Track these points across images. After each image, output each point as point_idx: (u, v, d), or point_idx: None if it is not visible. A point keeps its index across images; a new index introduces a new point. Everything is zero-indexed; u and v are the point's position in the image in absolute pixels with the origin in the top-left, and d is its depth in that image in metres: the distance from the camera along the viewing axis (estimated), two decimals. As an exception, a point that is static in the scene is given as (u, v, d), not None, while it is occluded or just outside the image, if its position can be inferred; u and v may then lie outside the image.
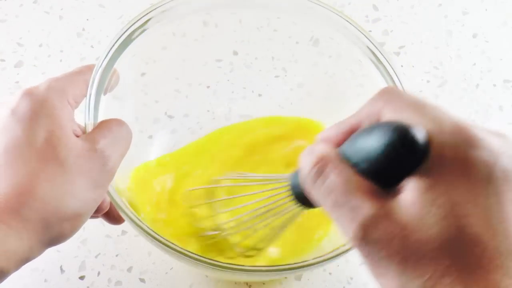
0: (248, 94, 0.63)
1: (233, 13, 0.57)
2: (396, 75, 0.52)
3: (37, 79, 0.68)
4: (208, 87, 0.62)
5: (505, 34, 0.74)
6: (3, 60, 0.69)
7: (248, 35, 0.60)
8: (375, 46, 0.53)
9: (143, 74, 0.57)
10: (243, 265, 0.45)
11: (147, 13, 0.53)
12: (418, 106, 0.32)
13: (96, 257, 0.57)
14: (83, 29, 0.72)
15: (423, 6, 0.76)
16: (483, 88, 0.70)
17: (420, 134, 0.30)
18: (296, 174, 0.39)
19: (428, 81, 0.70)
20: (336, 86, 0.60)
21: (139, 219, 0.45)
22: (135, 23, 0.52)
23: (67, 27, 0.72)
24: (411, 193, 0.30)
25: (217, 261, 0.45)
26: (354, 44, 0.54)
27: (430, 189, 0.30)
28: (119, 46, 0.50)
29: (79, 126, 0.45)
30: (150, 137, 0.60)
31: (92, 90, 0.47)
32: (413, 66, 0.71)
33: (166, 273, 0.57)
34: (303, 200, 0.38)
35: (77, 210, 0.41)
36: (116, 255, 0.58)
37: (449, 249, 0.29)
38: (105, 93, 0.48)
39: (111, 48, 0.49)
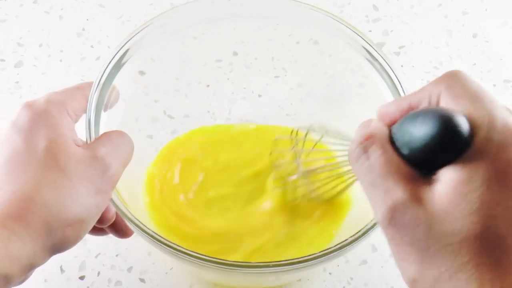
0: (248, 95, 0.63)
1: (232, 20, 0.57)
2: (395, 75, 0.52)
3: (37, 79, 0.68)
4: (207, 86, 0.63)
5: (505, 34, 0.74)
6: (3, 60, 0.69)
7: (248, 35, 0.60)
8: (372, 47, 0.53)
9: (142, 73, 0.57)
10: (250, 262, 0.45)
11: (144, 28, 0.53)
12: (477, 96, 0.32)
13: (96, 257, 0.57)
14: (83, 29, 0.72)
15: (423, 6, 0.76)
16: (483, 88, 0.70)
17: (463, 125, 0.30)
18: None
19: (428, 81, 0.70)
20: (336, 86, 0.60)
21: (146, 227, 0.45)
22: (130, 39, 0.52)
23: (67, 27, 0.72)
24: (445, 183, 0.31)
25: (229, 261, 0.44)
26: (352, 46, 0.54)
27: (464, 183, 0.30)
28: (115, 63, 0.51)
29: (80, 139, 0.45)
30: (150, 137, 0.60)
31: (92, 107, 0.47)
32: (413, 66, 0.71)
33: (166, 273, 0.57)
34: None
35: (79, 216, 0.41)
36: (116, 255, 0.58)
37: (471, 245, 0.30)
38: (105, 110, 0.49)
39: (108, 64, 0.50)
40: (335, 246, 0.45)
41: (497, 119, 0.31)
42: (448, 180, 0.31)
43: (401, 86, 0.51)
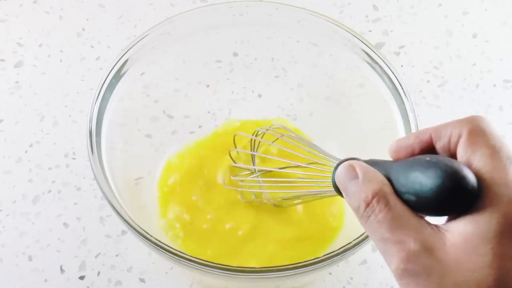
0: (248, 95, 0.63)
1: (233, 26, 0.57)
2: (396, 77, 0.52)
3: (37, 79, 0.68)
4: (207, 86, 0.63)
5: (505, 34, 0.74)
6: (3, 60, 0.69)
7: (248, 35, 0.60)
8: (372, 49, 0.53)
9: (142, 73, 0.57)
10: (253, 268, 0.45)
11: (144, 36, 0.54)
12: (495, 148, 0.33)
13: (96, 257, 0.57)
14: (83, 29, 0.72)
15: (423, 6, 0.76)
16: (483, 88, 0.70)
17: (472, 182, 0.31)
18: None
19: (428, 81, 0.70)
20: (336, 86, 0.60)
21: (164, 244, 0.45)
22: (130, 48, 0.53)
23: (67, 27, 0.72)
24: (456, 234, 0.31)
25: (233, 267, 0.45)
26: (351, 49, 0.54)
27: (476, 235, 0.31)
28: (115, 73, 0.52)
29: None
30: (150, 136, 0.60)
31: (93, 117, 0.48)
32: (413, 66, 0.71)
33: (166, 273, 0.57)
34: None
35: None
36: (116, 255, 0.58)
37: None
38: None
39: (108, 75, 0.51)
40: (338, 249, 0.45)
41: (511, 175, 0.32)
42: (459, 231, 0.31)
43: (402, 87, 0.51)
